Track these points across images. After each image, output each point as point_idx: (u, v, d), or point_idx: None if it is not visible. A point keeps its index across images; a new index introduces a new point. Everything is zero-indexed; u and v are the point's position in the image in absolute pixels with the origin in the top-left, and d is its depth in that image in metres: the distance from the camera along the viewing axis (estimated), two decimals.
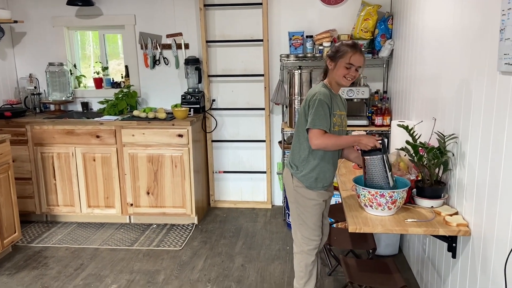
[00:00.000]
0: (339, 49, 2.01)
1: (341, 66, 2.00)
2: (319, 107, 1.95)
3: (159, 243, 3.23)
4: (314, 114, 1.95)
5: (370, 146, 1.92)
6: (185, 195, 3.46)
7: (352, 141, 2.00)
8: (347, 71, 2.00)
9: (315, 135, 1.95)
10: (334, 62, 2.02)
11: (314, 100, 1.97)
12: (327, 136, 1.96)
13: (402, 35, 3.10)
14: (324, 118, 1.95)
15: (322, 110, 1.95)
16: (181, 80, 3.88)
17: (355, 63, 1.99)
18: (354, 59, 1.99)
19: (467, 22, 1.88)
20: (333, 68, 2.03)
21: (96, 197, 3.53)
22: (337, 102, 2.07)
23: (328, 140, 1.96)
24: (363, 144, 1.93)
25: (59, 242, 3.29)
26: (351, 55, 1.98)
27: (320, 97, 1.96)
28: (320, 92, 1.99)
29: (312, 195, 2.08)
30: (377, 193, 1.89)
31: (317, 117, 1.95)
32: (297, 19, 3.64)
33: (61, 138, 3.45)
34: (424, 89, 2.52)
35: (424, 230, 1.83)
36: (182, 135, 3.37)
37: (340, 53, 1.99)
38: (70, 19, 3.85)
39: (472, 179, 1.81)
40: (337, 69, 2.01)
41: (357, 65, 2.00)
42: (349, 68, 2.00)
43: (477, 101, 1.76)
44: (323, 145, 1.97)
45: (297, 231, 2.15)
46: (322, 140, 1.95)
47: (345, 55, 1.98)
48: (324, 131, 1.96)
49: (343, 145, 2.04)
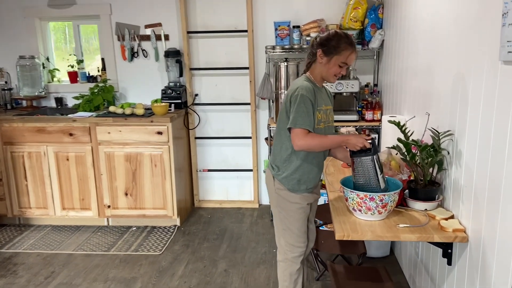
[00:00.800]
0: (338, 44, 1.79)
1: (335, 64, 1.80)
2: (301, 103, 1.76)
3: (137, 248, 3.04)
4: (296, 111, 1.77)
5: (359, 146, 1.75)
6: (166, 196, 3.27)
7: (339, 141, 1.82)
8: (339, 70, 1.82)
9: (298, 135, 1.77)
10: (328, 57, 1.81)
11: (296, 96, 1.78)
12: (311, 136, 1.78)
13: (393, 24, 2.92)
14: (306, 116, 1.77)
15: (304, 107, 1.76)
16: (161, 73, 3.67)
17: (350, 63, 1.82)
18: (351, 59, 1.81)
19: (464, 7, 1.70)
20: (325, 63, 1.82)
21: (70, 199, 3.32)
22: (321, 96, 1.89)
23: (312, 140, 1.78)
24: (352, 144, 1.76)
25: (31, 247, 3.08)
26: (349, 53, 1.79)
27: (302, 92, 1.77)
28: (302, 86, 1.80)
29: (295, 198, 1.91)
30: (366, 196, 1.72)
31: (299, 115, 1.77)
32: (283, 8, 3.44)
33: (31, 136, 3.23)
34: (416, 82, 2.35)
35: (418, 236, 1.67)
36: (161, 132, 3.17)
37: (338, 49, 1.78)
38: (42, 9, 3.61)
39: (470, 179, 1.65)
40: (329, 66, 1.82)
41: (350, 65, 1.84)
42: (343, 67, 1.82)
43: (475, 95, 1.59)
44: (307, 146, 1.79)
45: (281, 237, 1.98)
46: (305, 140, 1.77)
47: (343, 52, 1.78)
48: (307, 131, 1.78)
49: (329, 145, 1.86)
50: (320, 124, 1.86)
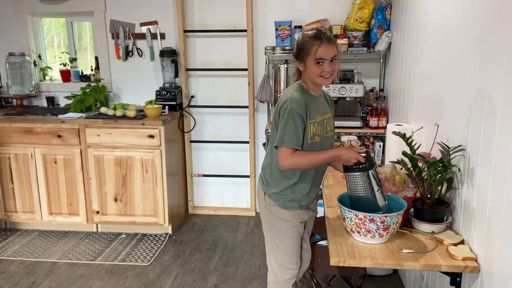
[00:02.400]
0: (301, 46, 1.65)
1: (311, 65, 1.64)
2: (289, 119, 1.60)
3: (125, 257, 2.88)
4: (283, 128, 1.61)
5: (352, 161, 1.58)
6: (157, 202, 3.11)
7: (330, 157, 1.65)
8: (320, 69, 1.64)
9: (284, 154, 1.62)
10: (302, 63, 1.66)
11: (284, 109, 1.63)
12: (298, 156, 1.62)
13: (402, 26, 2.73)
14: (293, 134, 1.61)
15: (292, 123, 1.60)
16: (156, 73, 3.51)
17: (326, 56, 1.62)
18: (322, 52, 1.61)
19: (479, 8, 1.52)
20: (304, 69, 1.67)
21: (58, 204, 3.18)
22: (317, 106, 1.71)
23: (299, 160, 1.62)
24: (344, 159, 1.59)
25: (14, 254, 2.94)
26: (316, 48, 1.61)
27: (290, 106, 1.61)
28: (292, 98, 1.63)
29: (287, 215, 1.73)
30: (366, 217, 1.54)
31: (286, 132, 1.61)
32: (285, 7, 3.26)
33: (18, 137, 3.09)
34: (425, 89, 2.16)
35: (423, 265, 1.48)
36: (153, 135, 3.01)
37: (303, 50, 1.63)
38: (34, 5, 3.47)
39: (483, 202, 1.46)
40: (308, 70, 1.65)
41: (330, 57, 1.63)
42: (321, 64, 1.63)
43: (491, 106, 1.40)
44: (293, 167, 1.65)
45: (271, 257, 1.81)
46: (292, 161, 1.61)
47: (310, 50, 1.62)
48: (294, 149, 1.62)
49: (319, 163, 1.69)
50: (314, 138, 1.69)
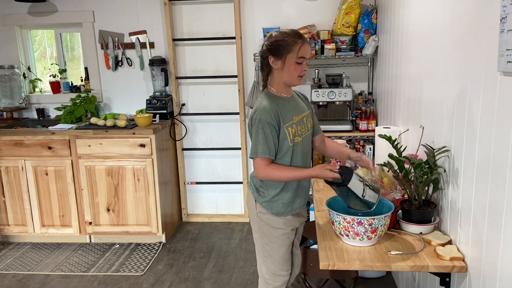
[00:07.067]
0: (284, 42, 1.62)
1: (291, 63, 1.63)
2: (259, 129, 1.62)
3: (119, 267, 2.87)
4: (255, 139, 1.63)
5: (329, 179, 1.58)
6: (150, 212, 3.11)
7: (304, 176, 1.67)
8: (300, 67, 1.64)
9: (259, 166, 1.64)
10: (281, 59, 1.64)
11: (254, 120, 1.64)
12: (271, 169, 1.64)
13: (387, 30, 2.77)
14: (264, 143, 1.62)
15: (262, 133, 1.61)
16: (147, 82, 3.52)
17: (307, 55, 1.65)
18: (304, 51, 1.63)
19: (459, 12, 1.55)
20: (281, 67, 1.65)
21: (50, 215, 3.16)
22: (290, 108, 1.71)
23: (271, 173, 1.64)
24: (321, 178, 1.60)
25: (7, 267, 2.92)
26: (300, 46, 1.62)
27: (259, 116, 1.62)
28: (260, 108, 1.64)
29: (279, 223, 1.74)
30: (354, 220, 1.56)
31: (258, 142, 1.62)
32: (273, 14, 3.29)
33: (8, 150, 3.08)
34: (411, 92, 2.19)
35: (412, 266, 1.50)
36: (144, 144, 3.01)
37: (286, 47, 1.62)
38: (22, 17, 3.48)
39: (468, 201, 1.48)
40: (287, 68, 1.64)
41: (308, 57, 1.66)
42: (301, 63, 1.64)
43: (472, 108, 1.43)
44: (267, 178, 1.68)
45: (262, 264, 1.81)
46: (266, 172, 1.64)
47: (293, 47, 1.61)
48: (268, 160, 1.64)
49: (292, 179, 1.70)
50: (295, 139, 1.70)
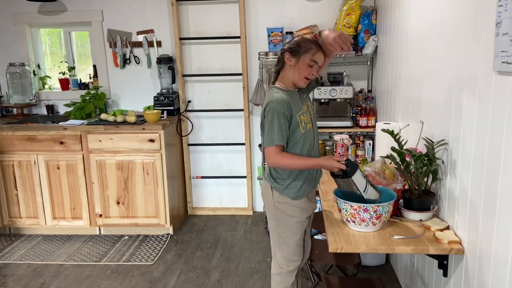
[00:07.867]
0: (303, 44, 1.80)
1: (304, 63, 1.79)
2: (274, 119, 1.74)
3: (129, 257, 2.99)
4: (270, 128, 1.76)
5: (335, 170, 1.72)
6: (158, 204, 3.22)
7: (312, 165, 1.83)
8: (309, 70, 1.80)
9: (270, 153, 1.76)
10: (296, 58, 1.80)
11: (268, 111, 1.77)
12: (282, 156, 1.77)
13: (386, 30, 2.90)
14: (279, 132, 1.74)
15: (278, 122, 1.74)
16: (154, 80, 3.63)
17: (319, 61, 1.82)
18: (318, 56, 1.81)
19: (458, 15, 1.68)
20: (294, 65, 1.81)
21: (61, 208, 3.27)
22: (298, 99, 1.87)
23: (282, 161, 1.77)
24: (327, 168, 1.75)
25: (21, 258, 3.02)
26: (315, 51, 1.79)
27: (273, 107, 1.75)
28: (273, 100, 1.77)
29: (295, 211, 1.87)
30: (360, 207, 1.69)
31: (273, 131, 1.75)
32: (276, 14, 3.42)
33: (21, 145, 3.18)
34: (409, 89, 2.33)
35: (413, 249, 1.64)
36: (153, 140, 3.13)
37: (304, 48, 1.78)
38: (32, 16, 3.57)
39: (465, 190, 1.62)
40: (299, 66, 1.80)
41: (319, 64, 1.83)
42: (312, 66, 1.81)
43: (469, 104, 1.57)
44: (277, 165, 1.81)
45: (277, 251, 1.94)
46: (276, 160, 1.76)
47: (309, 51, 1.79)
48: (280, 148, 1.77)
49: (301, 168, 1.84)
50: (307, 126, 1.85)
